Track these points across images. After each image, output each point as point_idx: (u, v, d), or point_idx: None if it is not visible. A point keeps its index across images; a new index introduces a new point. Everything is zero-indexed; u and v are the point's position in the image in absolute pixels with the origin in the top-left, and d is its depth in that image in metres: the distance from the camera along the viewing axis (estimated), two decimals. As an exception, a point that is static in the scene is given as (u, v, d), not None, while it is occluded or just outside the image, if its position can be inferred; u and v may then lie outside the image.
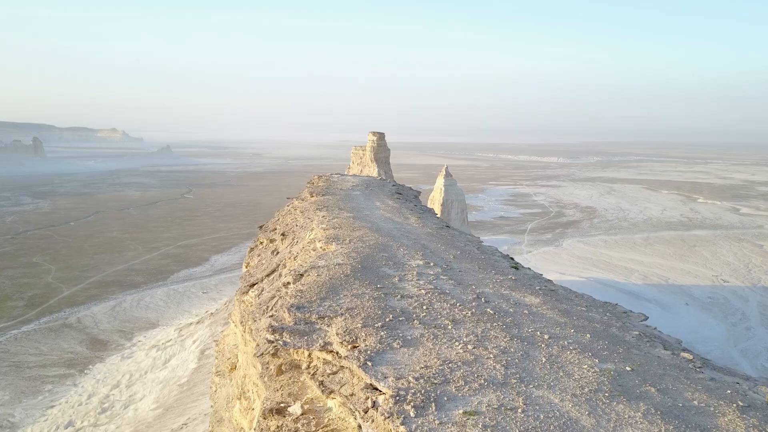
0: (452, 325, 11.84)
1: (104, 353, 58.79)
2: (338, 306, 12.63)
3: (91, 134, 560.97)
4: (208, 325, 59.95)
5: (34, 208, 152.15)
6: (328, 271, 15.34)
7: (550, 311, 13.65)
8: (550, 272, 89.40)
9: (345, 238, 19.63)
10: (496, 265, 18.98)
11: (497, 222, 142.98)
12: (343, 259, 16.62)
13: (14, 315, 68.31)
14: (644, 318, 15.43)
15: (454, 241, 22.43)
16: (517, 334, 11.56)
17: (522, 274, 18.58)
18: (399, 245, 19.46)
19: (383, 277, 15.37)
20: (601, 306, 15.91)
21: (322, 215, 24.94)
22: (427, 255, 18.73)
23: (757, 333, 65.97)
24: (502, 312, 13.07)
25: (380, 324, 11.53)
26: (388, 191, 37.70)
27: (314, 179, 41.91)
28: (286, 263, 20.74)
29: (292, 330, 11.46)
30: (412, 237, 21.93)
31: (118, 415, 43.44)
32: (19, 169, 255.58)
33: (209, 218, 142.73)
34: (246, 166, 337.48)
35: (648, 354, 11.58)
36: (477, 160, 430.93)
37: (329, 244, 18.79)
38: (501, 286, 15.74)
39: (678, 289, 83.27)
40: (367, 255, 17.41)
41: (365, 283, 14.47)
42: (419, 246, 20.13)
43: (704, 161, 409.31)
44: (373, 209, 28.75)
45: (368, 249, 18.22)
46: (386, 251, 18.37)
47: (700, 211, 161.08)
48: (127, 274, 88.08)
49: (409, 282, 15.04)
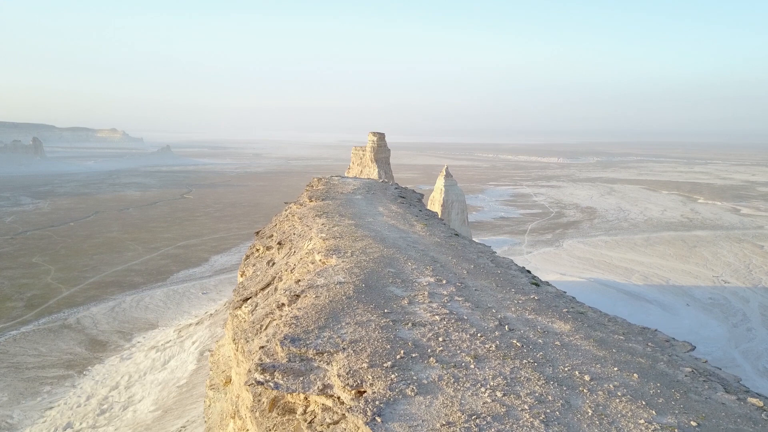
0: (475, 362, 10.27)
1: (103, 354, 58.62)
2: (340, 338, 11.10)
3: (91, 134, 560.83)
4: (208, 326, 59.75)
5: (34, 209, 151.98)
6: (327, 291, 13.82)
7: (584, 342, 12.05)
8: (550, 273, 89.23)
9: (346, 250, 18.15)
10: (515, 282, 17.42)
11: (497, 222, 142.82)
12: (345, 277, 15.12)
13: (13, 316, 68.13)
14: (691, 348, 13.80)
15: (465, 253, 20.89)
16: (553, 374, 10.03)
17: (544, 293, 16.94)
18: (406, 258, 17.98)
19: (390, 298, 13.85)
20: (639, 332, 14.14)
21: (322, 223, 23.60)
22: (438, 270, 17.24)
23: (759, 334, 65.77)
24: (531, 344, 11.54)
25: (390, 363, 9.95)
26: (391, 195, 36.37)
27: (314, 182, 40.58)
28: (282, 276, 19.30)
29: (286, 369, 9.95)
30: (420, 248, 20.38)
31: (116, 417, 43.25)
32: (18, 169, 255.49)
33: (209, 218, 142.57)
34: (246, 167, 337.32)
35: (710, 400, 9.96)
36: (477, 161, 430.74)
37: (329, 257, 17.35)
38: (524, 309, 14.14)
39: (679, 289, 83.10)
40: (372, 271, 15.94)
41: (370, 306, 12.97)
42: (428, 259, 18.59)
43: (704, 161, 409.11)
44: (376, 215, 27.40)
45: (372, 263, 16.72)
46: (392, 266, 16.88)
47: (701, 212, 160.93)
48: (127, 274, 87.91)
49: (420, 305, 13.59)
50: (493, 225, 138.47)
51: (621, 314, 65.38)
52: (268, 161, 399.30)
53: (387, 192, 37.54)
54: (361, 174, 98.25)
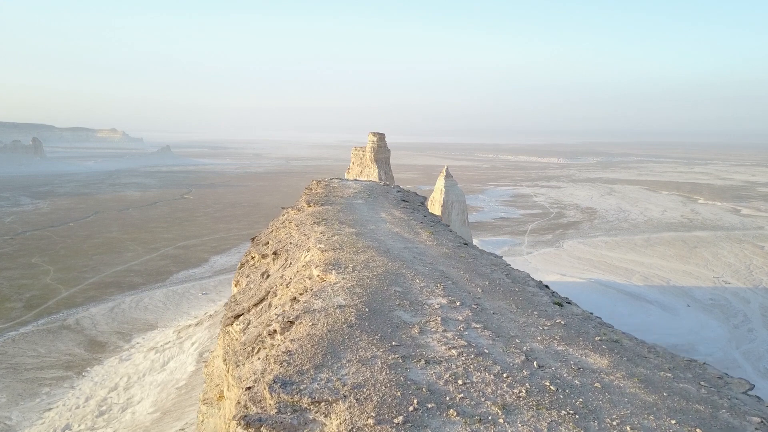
0: (504, 415, 8.60)
1: (102, 355, 58.41)
2: (340, 381, 9.52)
3: (91, 134, 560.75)
4: (207, 327, 59.56)
5: (34, 209, 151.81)
6: (326, 318, 12.11)
7: (628, 382, 10.46)
8: (550, 273, 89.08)
9: (347, 264, 16.62)
10: (536, 302, 15.55)
11: (497, 223, 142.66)
12: (346, 298, 13.42)
13: (12, 316, 67.94)
14: (749, 386, 12.10)
15: (477, 266, 19.12)
16: (599, 431, 8.45)
17: (570, 314, 15.13)
18: (413, 274, 16.29)
19: (398, 326, 12.09)
20: (686, 366, 12.39)
21: (321, 231, 22.03)
22: (450, 288, 15.50)
23: (760, 335, 65.59)
24: (567, 386, 9.94)
25: (401, 418, 8.36)
26: (393, 198, 35.20)
27: (312, 185, 39.05)
28: (277, 291, 18.05)
29: (275, 423, 8.44)
30: (428, 261, 18.71)
31: (115, 419, 43.07)
32: (18, 169, 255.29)
33: (209, 219, 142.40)
34: (246, 167, 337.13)
35: None
36: (477, 161, 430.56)
37: (328, 272, 15.77)
38: (551, 338, 12.43)
39: (679, 290, 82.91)
40: (376, 290, 14.21)
41: (375, 338, 11.31)
42: (438, 274, 16.91)
43: (704, 162, 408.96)
44: (379, 222, 25.73)
45: (376, 281, 15.05)
46: (399, 283, 15.22)
47: (701, 212, 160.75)
48: (126, 275, 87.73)
49: (433, 334, 11.86)
50: (494, 225, 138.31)
51: (621, 315, 64.93)
52: (268, 161, 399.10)
53: (389, 195, 36.29)
54: (361, 174, 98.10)
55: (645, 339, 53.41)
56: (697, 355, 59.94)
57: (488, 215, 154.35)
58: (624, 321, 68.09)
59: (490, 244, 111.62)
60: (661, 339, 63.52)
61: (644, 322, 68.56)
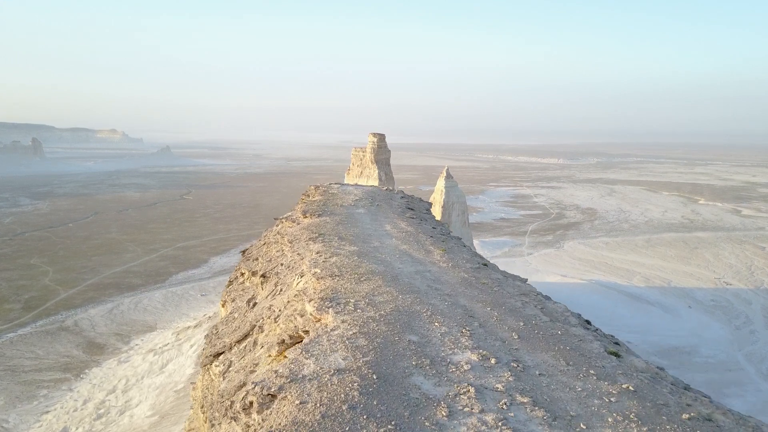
0: None
1: (101, 357, 58.07)
2: None
3: (91, 135, 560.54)
4: (206, 329, 59.23)
5: (33, 209, 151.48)
6: (319, 392, 9.25)
7: None
8: (551, 274, 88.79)
9: (348, 298, 13.95)
10: (586, 351, 12.57)
11: (498, 224, 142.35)
12: (346, 356, 10.57)
13: (10, 318, 67.60)
14: None
15: (504, 297, 16.33)
16: None
17: (633, 371, 11.99)
18: (431, 312, 13.56)
19: (418, 405, 9.14)
20: None
21: (317, 250, 19.40)
22: (479, 335, 12.65)
23: (762, 336, 65.24)
24: None
25: None
26: (398, 206, 32.64)
27: (310, 190, 36.25)
28: (264, 325, 15.85)
29: None
30: (445, 290, 16.05)
31: (113, 422, 42.73)
32: (18, 169, 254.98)
33: (208, 219, 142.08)
34: (246, 167, 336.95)
35: None
36: (477, 161, 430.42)
37: (324, 310, 13.07)
38: (625, 418, 9.44)
39: (680, 291, 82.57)
40: (385, 341, 11.42)
41: (388, 427, 8.42)
42: (460, 312, 14.11)
43: (704, 162, 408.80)
44: (384, 237, 23.09)
45: (385, 325, 12.26)
46: (413, 328, 12.39)
47: (702, 213, 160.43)
48: (125, 276, 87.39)
49: (466, 419, 8.81)
50: (494, 226, 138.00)
51: (623, 316, 64.34)
52: (268, 162, 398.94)
53: (393, 203, 33.66)
54: (362, 175, 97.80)
55: (647, 340, 52.57)
56: (699, 357, 59.61)
57: (489, 216, 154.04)
58: (625, 322, 67.81)
59: (491, 245, 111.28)
60: (662, 341, 63.22)
61: (646, 323, 68.23)
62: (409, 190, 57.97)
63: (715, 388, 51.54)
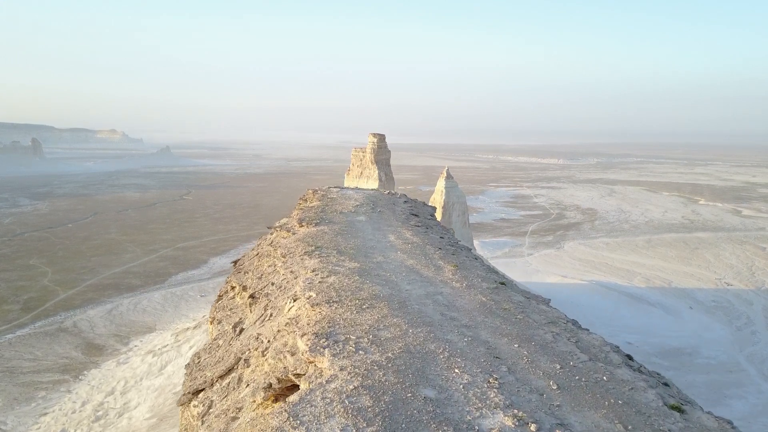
0: None
1: (100, 358, 57.86)
2: None
3: (91, 135, 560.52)
4: (205, 330, 59.01)
5: (32, 210, 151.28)
6: None
7: None
8: (551, 275, 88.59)
9: (348, 335, 11.64)
10: (640, 404, 10.10)
11: (498, 224, 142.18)
12: (344, 428, 8.12)
13: (9, 319, 67.39)
14: None
15: (531, 327, 13.90)
16: None
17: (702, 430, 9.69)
18: (448, 354, 11.12)
19: None
20: None
21: (313, 267, 17.38)
22: (509, 385, 10.14)
23: (763, 337, 65.03)
24: None
25: None
26: (401, 212, 30.59)
27: (308, 195, 34.21)
28: (250, 359, 14.16)
29: None
30: (462, 319, 13.66)
31: (111, 424, 42.51)
32: (17, 170, 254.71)
33: (208, 220, 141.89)
34: (245, 168, 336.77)
35: None
36: (477, 162, 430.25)
37: (318, 351, 10.79)
38: None
39: (681, 292, 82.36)
40: (395, 400, 8.92)
41: None
42: (483, 352, 11.62)
43: (704, 162, 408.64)
44: (387, 250, 21.02)
45: (393, 375, 9.77)
46: (428, 377, 9.93)
47: (702, 213, 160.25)
48: (125, 276, 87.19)
49: None
50: (494, 226, 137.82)
51: (624, 317, 64.13)
52: (268, 162, 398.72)
53: (396, 209, 31.45)
54: (362, 175, 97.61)
55: (648, 341, 52.31)
56: (700, 358, 59.37)
57: (489, 216, 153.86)
58: (626, 323, 67.62)
59: (491, 246, 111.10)
60: (663, 342, 63.00)
61: (646, 324, 68.02)
62: (409, 191, 57.77)
63: (716, 389, 51.36)
